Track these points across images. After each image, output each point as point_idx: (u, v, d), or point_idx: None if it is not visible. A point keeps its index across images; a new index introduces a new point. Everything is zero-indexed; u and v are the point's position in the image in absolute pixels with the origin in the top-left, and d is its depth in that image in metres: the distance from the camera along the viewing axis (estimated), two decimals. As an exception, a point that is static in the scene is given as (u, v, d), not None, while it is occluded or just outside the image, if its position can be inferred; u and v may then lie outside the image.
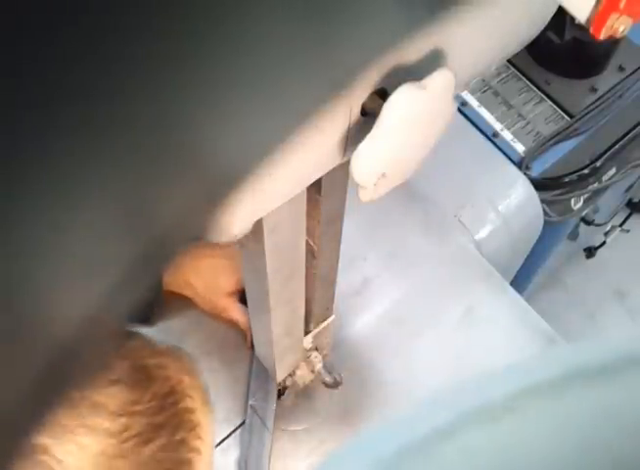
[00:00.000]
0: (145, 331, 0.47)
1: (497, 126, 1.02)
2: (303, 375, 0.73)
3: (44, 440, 0.37)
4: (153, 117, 0.14)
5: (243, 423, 0.76)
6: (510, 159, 0.98)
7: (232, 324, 0.78)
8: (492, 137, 1.01)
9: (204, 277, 0.77)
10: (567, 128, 1.02)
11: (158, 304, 0.79)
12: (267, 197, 0.35)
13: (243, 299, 0.74)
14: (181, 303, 0.80)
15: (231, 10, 0.13)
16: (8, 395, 0.15)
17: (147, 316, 0.78)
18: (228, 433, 0.76)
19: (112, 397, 0.40)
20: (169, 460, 0.42)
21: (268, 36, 0.15)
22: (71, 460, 0.38)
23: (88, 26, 0.11)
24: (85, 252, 0.15)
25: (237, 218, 0.34)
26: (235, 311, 0.76)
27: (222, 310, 0.77)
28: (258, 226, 0.42)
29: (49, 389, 0.17)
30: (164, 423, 0.42)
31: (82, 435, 0.38)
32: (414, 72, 0.33)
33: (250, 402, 0.76)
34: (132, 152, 0.14)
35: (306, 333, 0.68)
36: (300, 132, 0.19)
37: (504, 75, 1.07)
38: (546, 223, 0.99)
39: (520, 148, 1.00)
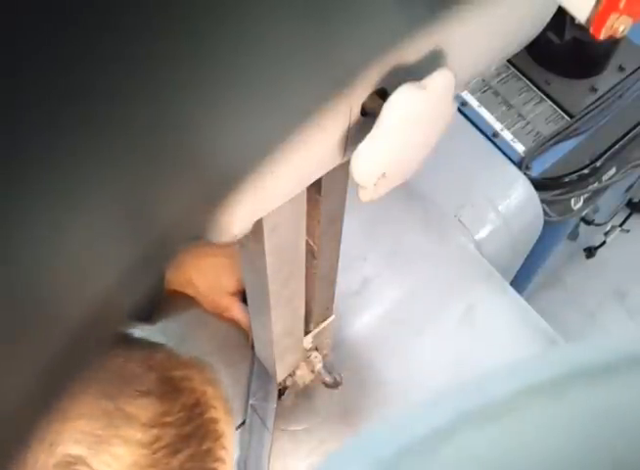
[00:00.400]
0: (166, 341, 0.48)
1: (497, 126, 1.02)
2: (303, 375, 0.73)
3: (81, 450, 0.38)
4: (152, 117, 0.14)
5: (243, 423, 0.76)
6: (510, 159, 0.98)
7: (234, 324, 0.78)
8: (492, 137, 1.01)
9: (206, 276, 0.77)
10: (567, 128, 1.02)
11: (159, 302, 0.79)
12: (267, 197, 0.35)
13: (245, 298, 0.74)
14: (182, 302, 0.80)
15: (231, 9, 0.13)
16: (11, 392, 0.15)
17: (148, 315, 0.78)
18: (228, 433, 0.75)
19: (143, 408, 0.41)
20: None
21: (269, 35, 0.15)
22: None
23: (87, 26, 0.11)
24: (86, 252, 0.15)
25: (237, 218, 0.34)
26: (237, 311, 0.76)
27: (224, 310, 0.77)
28: (258, 226, 0.42)
29: (51, 386, 0.17)
30: (192, 434, 0.43)
31: (117, 445, 0.39)
32: (414, 72, 0.33)
33: (250, 402, 0.76)
34: (131, 152, 0.14)
35: (306, 333, 0.68)
36: (301, 132, 0.19)
37: (504, 75, 1.07)
38: (546, 223, 0.99)
39: (520, 148, 1.00)
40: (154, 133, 0.14)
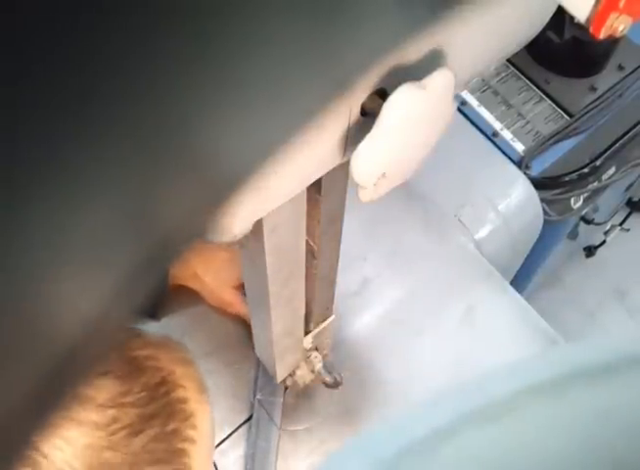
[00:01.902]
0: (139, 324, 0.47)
1: (497, 126, 1.02)
2: (304, 375, 0.73)
3: None
4: (159, 118, 0.14)
5: (245, 422, 0.76)
6: (510, 158, 0.98)
7: (238, 318, 0.78)
8: (492, 136, 1.01)
9: (211, 270, 0.77)
10: (566, 127, 1.02)
11: (164, 299, 0.79)
12: (267, 197, 0.35)
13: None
14: (184, 299, 0.80)
15: (236, 11, 0.13)
16: (9, 399, 0.15)
17: (153, 312, 0.78)
18: (229, 433, 0.76)
19: (100, 389, 0.40)
20: (161, 451, 0.41)
21: (274, 37, 0.15)
22: (58, 454, 0.37)
23: (95, 27, 0.11)
24: (89, 255, 0.15)
25: (238, 218, 0.34)
26: (240, 305, 0.76)
27: (228, 305, 0.77)
28: (258, 226, 0.42)
29: (52, 393, 0.16)
30: (155, 413, 0.41)
31: (69, 428, 0.38)
32: (414, 72, 0.33)
33: (257, 397, 0.76)
34: (137, 153, 0.14)
35: (306, 333, 0.68)
36: (301, 133, 0.19)
37: (503, 75, 1.07)
38: (546, 222, 0.99)
39: (519, 147, 1.00)
40: (161, 134, 0.14)
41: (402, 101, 0.32)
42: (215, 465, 0.72)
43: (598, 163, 1.02)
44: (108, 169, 0.14)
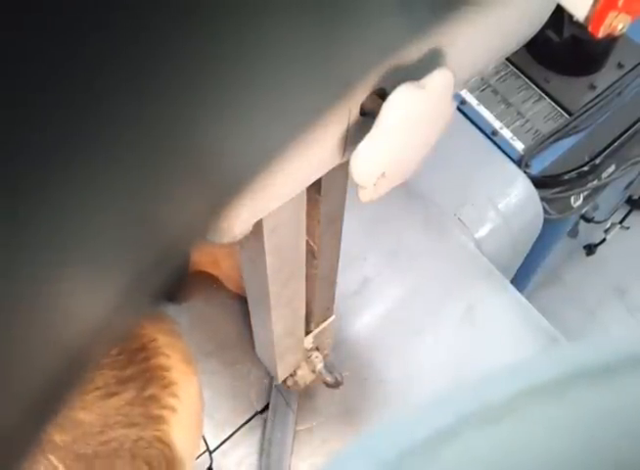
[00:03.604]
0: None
1: (496, 124, 1.02)
2: (304, 375, 0.73)
3: None
4: (174, 120, 0.14)
5: (246, 423, 0.76)
6: (509, 157, 0.98)
7: None
8: (491, 135, 1.01)
9: (230, 256, 0.78)
10: (566, 126, 1.02)
11: (184, 283, 0.80)
12: (268, 197, 0.35)
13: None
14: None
15: (245, 15, 0.13)
16: (14, 405, 0.15)
17: (173, 296, 0.79)
18: (230, 434, 0.76)
19: None
20: (137, 415, 0.40)
21: (278, 38, 0.15)
22: None
23: (114, 27, 0.11)
24: (97, 257, 0.15)
25: (238, 219, 0.34)
26: None
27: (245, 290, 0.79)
28: (258, 226, 0.42)
29: (58, 391, 0.16)
30: (133, 377, 0.41)
31: None
32: (413, 72, 0.33)
33: (274, 383, 0.77)
34: (149, 155, 0.14)
35: (307, 333, 0.68)
36: (303, 133, 0.19)
37: (503, 74, 1.07)
38: (546, 221, 0.99)
39: (519, 146, 1.00)
40: (173, 135, 0.14)
41: (402, 101, 0.32)
42: (211, 459, 0.72)
43: (598, 161, 1.02)
44: (120, 171, 0.14)
